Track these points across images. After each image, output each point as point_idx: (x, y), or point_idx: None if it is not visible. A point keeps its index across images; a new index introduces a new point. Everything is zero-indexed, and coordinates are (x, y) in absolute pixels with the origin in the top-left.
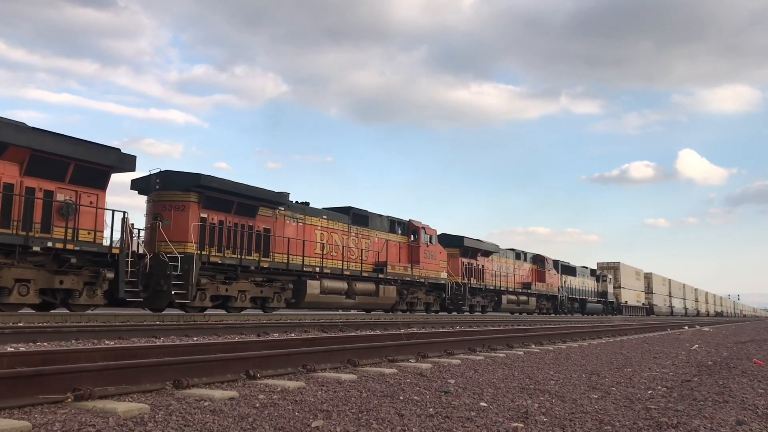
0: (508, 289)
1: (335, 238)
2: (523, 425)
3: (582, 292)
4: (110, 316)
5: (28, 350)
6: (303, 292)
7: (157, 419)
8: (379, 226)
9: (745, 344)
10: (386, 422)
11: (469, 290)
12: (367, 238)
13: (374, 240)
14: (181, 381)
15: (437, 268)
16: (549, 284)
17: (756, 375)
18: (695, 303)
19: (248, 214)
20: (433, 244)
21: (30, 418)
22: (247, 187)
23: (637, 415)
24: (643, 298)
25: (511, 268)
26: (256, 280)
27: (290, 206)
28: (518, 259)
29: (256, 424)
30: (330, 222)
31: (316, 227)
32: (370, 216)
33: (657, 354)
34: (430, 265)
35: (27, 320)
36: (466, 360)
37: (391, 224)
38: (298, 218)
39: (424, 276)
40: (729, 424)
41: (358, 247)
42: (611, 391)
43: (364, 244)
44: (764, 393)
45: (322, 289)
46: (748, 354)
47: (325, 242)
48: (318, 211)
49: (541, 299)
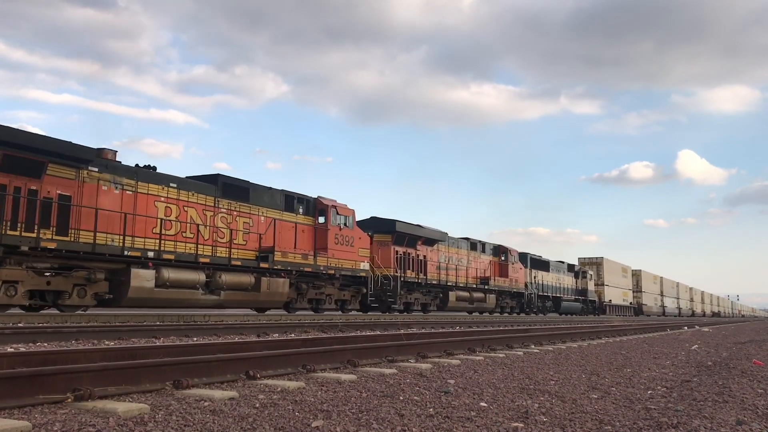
0: (458, 284)
1: (191, 214)
2: (523, 425)
3: (556, 289)
4: (110, 317)
5: (28, 350)
6: (126, 285)
7: (157, 419)
8: (266, 201)
9: (745, 344)
10: (386, 422)
11: (403, 285)
12: (246, 217)
13: (258, 219)
14: (181, 381)
15: (355, 257)
16: (513, 279)
17: (756, 375)
18: (690, 303)
19: (28, 172)
20: (349, 227)
21: (30, 418)
22: (23, 134)
23: (637, 415)
24: (631, 297)
25: (464, 260)
26: (36, 267)
27: (111, 167)
28: (474, 249)
29: (256, 424)
30: (183, 193)
31: (158, 198)
32: (252, 188)
33: (657, 354)
34: (344, 254)
35: (27, 320)
36: (465, 360)
37: (286, 200)
38: (124, 184)
39: (335, 266)
40: (729, 424)
41: (232, 227)
42: (611, 391)
43: (242, 224)
44: (764, 393)
45: (162, 281)
46: (747, 354)
47: (174, 219)
48: (161, 177)
49: (502, 296)
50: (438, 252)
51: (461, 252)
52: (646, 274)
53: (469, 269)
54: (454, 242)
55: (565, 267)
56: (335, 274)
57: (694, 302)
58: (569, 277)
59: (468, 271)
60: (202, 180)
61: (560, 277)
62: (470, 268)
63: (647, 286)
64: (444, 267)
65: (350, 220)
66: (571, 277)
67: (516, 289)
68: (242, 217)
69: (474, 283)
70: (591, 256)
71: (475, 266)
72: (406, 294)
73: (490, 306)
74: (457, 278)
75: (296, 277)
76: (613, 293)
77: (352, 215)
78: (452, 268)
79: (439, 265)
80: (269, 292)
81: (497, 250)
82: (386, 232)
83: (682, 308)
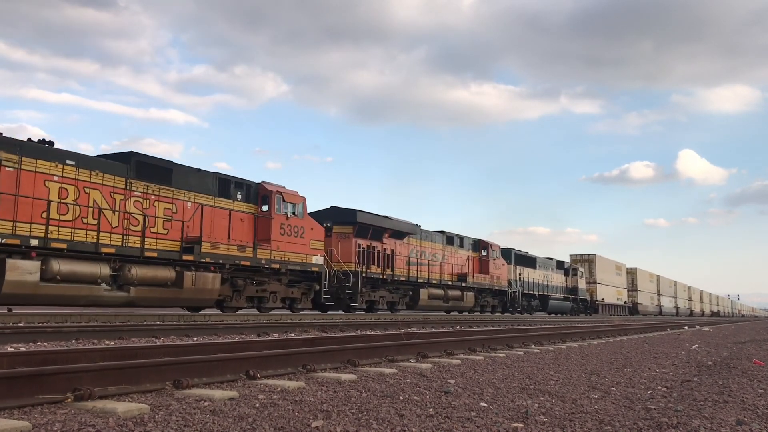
0: (432, 281)
1: (94, 197)
2: (523, 425)
3: (544, 287)
4: (110, 316)
5: (28, 350)
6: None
7: (157, 419)
8: (194, 185)
9: (745, 344)
10: (386, 422)
11: (366, 281)
12: (168, 202)
13: (183, 205)
14: (181, 381)
15: (305, 249)
16: (494, 276)
17: (756, 375)
18: (689, 302)
19: None
20: (299, 216)
21: (30, 418)
22: None
23: (637, 415)
24: (626, 296)
25: (438, 255)
26: None
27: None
28: (450, 244)
29: (256, 424)
30: (83, 172)
31: (49, 177)
32: (176, 169)
33: (657, 354)
34: (292, 246)
35: (27, 320)
36: (466, 360)
37: (221, 185)
38: (2, 159)
39: (281, 260)
40: (729, 424)
41: (148, 213)
42: (611, 391)
43: (162, 210)
44: (764, 393)
45: (50, 274)
46: (747, 354)
47: (72, 202)
48: (54, 153)
49: (482, 294)
50: (408, 246)
51: (436, 246)
52: (641, 272)
53: (445, 265)
54: (427, 236)
55: (554, 264)
56: (281, 269)
57: (692, 301)
58: (558, 274)
59: (443, 267)
60: (113, 159)
61: (548, 275)
62: (446, 264)
63: (643, 284)
64: (415, 262)
65: (300, 209)
66: (560, 274)
67: (498, 286)
68: (162, 202)
69: (450, 280)
70: (583, 253)
71: (452, 262)
72: (369, 291)
73: (468, 305)
74: (430, 274)
75: (231, 272)
76: (606, 291)
77: (303, 203)
78: (425, 264)
79: (409, 260)
80: (194, 289)
81: (477, 244)
82: (347, 224)
83: (680, 307)
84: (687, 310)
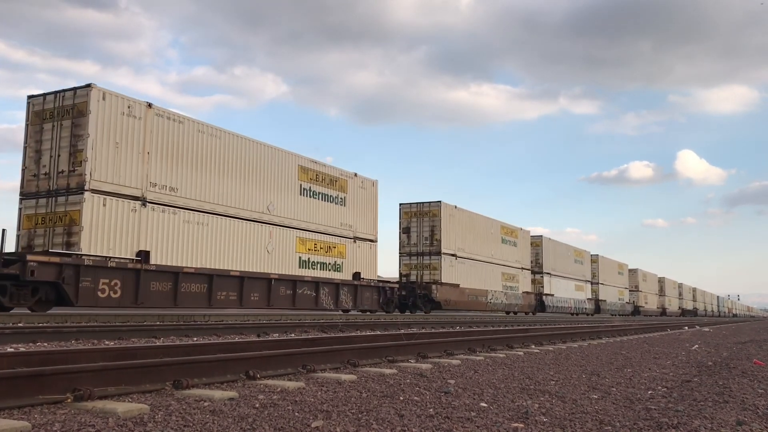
0: None
1: None
2: (523, 425)
3: None
4: (110, 317)
5: (28, 350)
6: None
7: (156, 419)
8: None
9: (745, 344)
10: (386, 422)
11: None
12: None
13: None
14: (180, 381)
15: None
16: None
17: (756, 375)
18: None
19: None
20: None
21: (30, 418)
22: None
23: (637, 416)
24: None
25: None
26: None
27: None
28: None
29: (255, 424)
30: None
31: None
32: None
33: (657, 354)
34: None
35: (27, 320)
36: (466, 360)
37: None
38: None
39: None
40: (729, 424)
41: None
42: (611, 392)
43: None
44: (764, 393)
45: None
46: (748, 354)
47: None
48: None
49: None
50: None
51: None
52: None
53: None
54: None
55: None
56: None
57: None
58: None
59: None
60: None
61: None
62: None
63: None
64: None
65: None
66: None
67: None
68: None
69: None
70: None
71: None
72: None
73: None
74: None
75: None
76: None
77: None
78: None
79: None
80: None
81: None
82: None
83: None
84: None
